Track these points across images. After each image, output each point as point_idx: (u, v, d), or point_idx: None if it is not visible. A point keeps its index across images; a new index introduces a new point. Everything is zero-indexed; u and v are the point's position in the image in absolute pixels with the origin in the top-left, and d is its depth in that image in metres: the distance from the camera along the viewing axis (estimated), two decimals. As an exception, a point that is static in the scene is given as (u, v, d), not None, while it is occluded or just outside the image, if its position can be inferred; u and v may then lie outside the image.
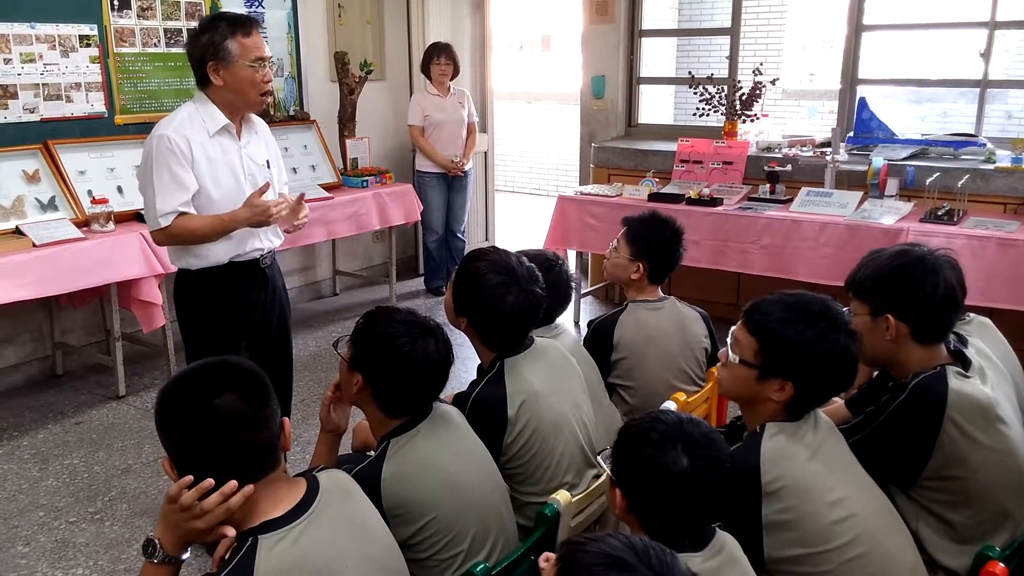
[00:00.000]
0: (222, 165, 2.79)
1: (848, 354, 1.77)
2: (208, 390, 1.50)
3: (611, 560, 1.16)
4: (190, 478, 1.49)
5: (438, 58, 5.71)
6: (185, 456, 1.51)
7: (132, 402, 4.28)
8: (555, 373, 2.32)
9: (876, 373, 2.23)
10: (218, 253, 2.82)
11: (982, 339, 2.28)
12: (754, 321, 1.81)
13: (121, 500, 3.39)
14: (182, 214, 2.72)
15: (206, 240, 2.78)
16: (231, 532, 1.51)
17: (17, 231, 3.94)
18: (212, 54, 2.70)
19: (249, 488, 1.50)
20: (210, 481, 1.49)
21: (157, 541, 1.54)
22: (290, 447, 1.63)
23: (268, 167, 2.95)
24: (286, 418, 1.61)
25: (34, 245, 3.83)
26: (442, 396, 2.16)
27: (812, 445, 1.76)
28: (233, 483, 1.49)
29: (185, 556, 1.57)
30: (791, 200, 4.69)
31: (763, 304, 1.82)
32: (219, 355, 2.85)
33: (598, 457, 1.67)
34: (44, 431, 3.98)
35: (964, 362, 1.99)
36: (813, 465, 1.72)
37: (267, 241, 2.95)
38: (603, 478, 2.18)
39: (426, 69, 5.80)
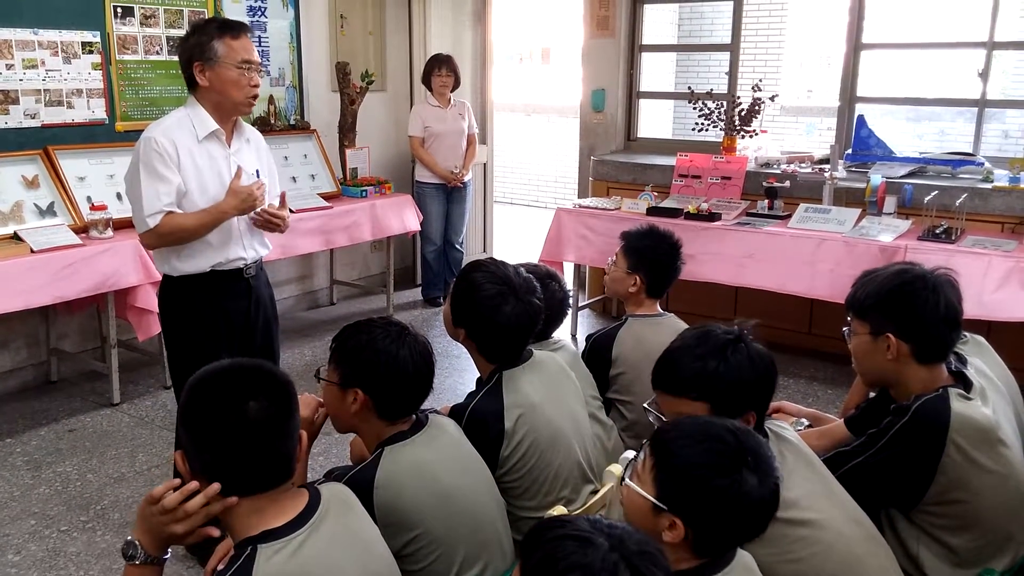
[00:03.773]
0: (209, 171, 2.78)
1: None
2: (242, 393, 1.48)
3: (576, 537, 1.16)
4: (177, 481, 1.49)
5: (439, 69, 5.73)
6: (205, 455, 1.49)
7: (126, 410, 4.26)
8: (553, 386, 2.32)
9: (873, 393, 2.22)
10: (200, 261, 2.80)
11: (980, 358, 2.28)
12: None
13: (113, 509, 3.37)
14: (169, 213, 2.71)
15: (196, 236, 2.76)
16: (215, 532, 1.52)
17: (15, 237, 3.93)
18: (199, 54, 2.72)
19: (232, 500, 1.49)
20: (195, 484, 1.48)
21: (137, 542, 1.53)
22: (302, 460, 1.63)
23: (257, 176, 2.92)
24: (303, 431, 1.61)
25: (32, 251, 3.83)
26: (439, 408, 2.16)
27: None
28: (216, 486, 1.48)
29: (167, 556, 1.57)
30: (789, 216, 4.70)
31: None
32: (201, 363, 2.88)
33: (623, 476, 1.57)
34: (37, 438, 3.96)
35: (965, 383, 1.99)
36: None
37: (251, 251, 2.92)
38: (601, 494, 2.18)
39: (427, 80, 5.81)
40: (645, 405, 1.86)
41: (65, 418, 4.17)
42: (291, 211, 2.99)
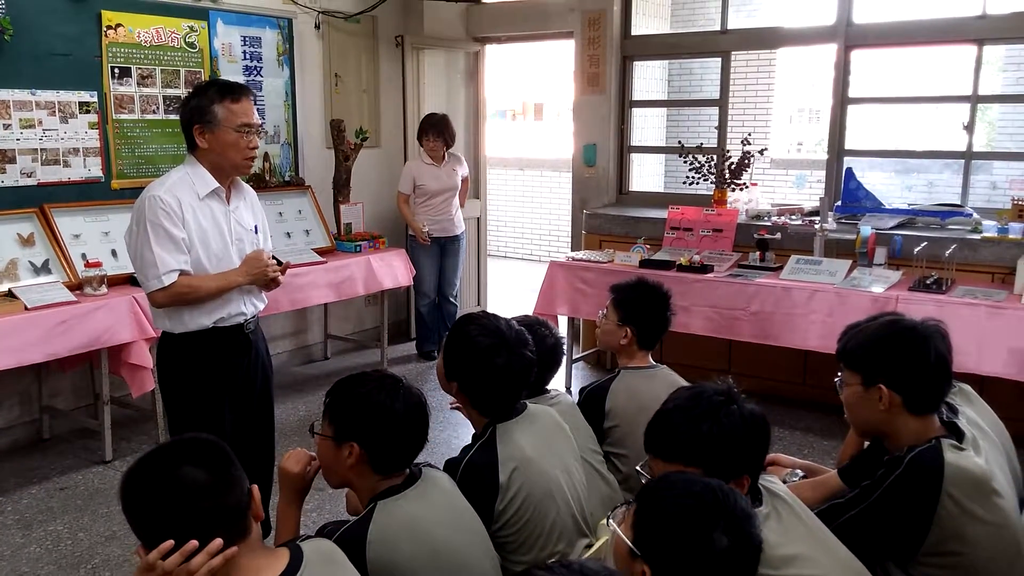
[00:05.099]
0: (211, 228, 2.82)
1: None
2: (168, 466, 1.49)
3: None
4: (171, 543, 1.46)
5: (428, 135, 5.76)
6: (157, 537, 1.48)
7: (119, 467, 4.22)
8: (547, 440, 2.31)
9: (867, 444, 2.22)
10: (202, 318, 2.82)
11: (970, 408, 2.28)
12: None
13: (104, 568, 3.32)
14: (183, 272, 2.74)
15: (207, 299, 2.80)
16: None
17: (9, 294, 3.94)
18: (199, 117, 2.77)
19: (232, 550, 1.47)
20: (194, 543, 1.46)
21: None
22: (263, 515, 1.60)
23: (256, 232, 2.99)
24: (255, 486, 1.57)
25: (26, 308, 3.83)
26: (433, 462, 2.16)
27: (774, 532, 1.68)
28: (219, 541, 1.46)
29: None
30: (781, 268, 4.73)
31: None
32: (204, 420, 2.82)
33: (608, 518, 1.61)
34: (28, 496, 3.92)
35: (957, 434, 1.99)
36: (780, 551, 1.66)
37: (250, 306, 2.96)
38: (596, 547, 2.16)
39: (421, 139, 5.87)
40: (638, 468, 1.86)
41: (56, 476, 4.12)
42: (279, 262, 3.02)
